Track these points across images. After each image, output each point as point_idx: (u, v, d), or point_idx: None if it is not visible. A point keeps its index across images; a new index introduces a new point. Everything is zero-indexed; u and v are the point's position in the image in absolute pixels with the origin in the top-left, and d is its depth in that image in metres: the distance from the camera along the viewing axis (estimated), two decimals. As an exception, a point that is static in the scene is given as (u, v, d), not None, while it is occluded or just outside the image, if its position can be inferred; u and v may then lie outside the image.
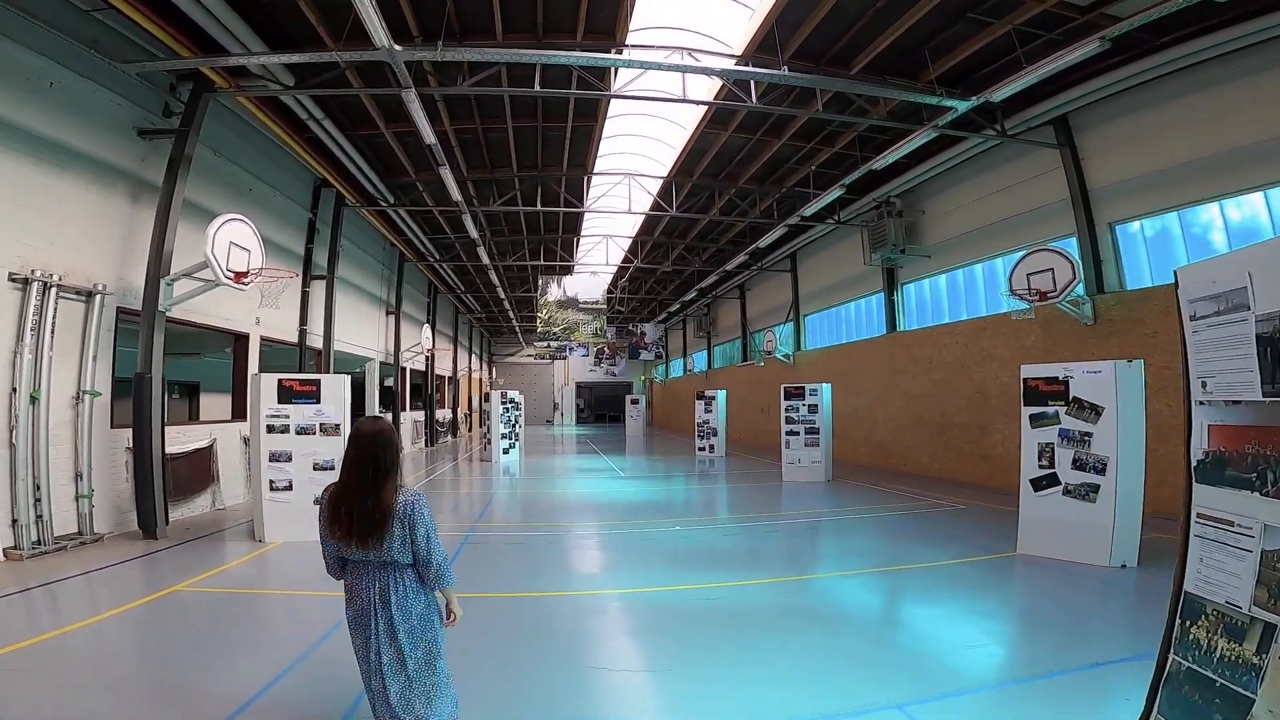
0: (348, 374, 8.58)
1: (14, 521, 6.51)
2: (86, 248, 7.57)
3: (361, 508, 2.65)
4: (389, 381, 19.76)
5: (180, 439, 9.38)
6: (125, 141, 8.13)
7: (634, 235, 21.64)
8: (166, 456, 8.34)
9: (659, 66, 9.03)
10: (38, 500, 6.71)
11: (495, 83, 9.48)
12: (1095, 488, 6.41)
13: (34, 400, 6.67)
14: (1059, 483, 6.69)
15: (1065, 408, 6.65)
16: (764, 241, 18.89)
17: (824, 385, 13.83)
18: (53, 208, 7.10)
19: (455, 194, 13.33)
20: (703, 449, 19.62)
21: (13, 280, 6.57)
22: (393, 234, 17.85)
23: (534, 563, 6.99)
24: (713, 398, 19.66)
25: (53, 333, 6.88)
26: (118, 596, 5.57)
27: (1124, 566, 6.31)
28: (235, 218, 8.04)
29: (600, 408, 48.81)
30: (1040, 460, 6.83)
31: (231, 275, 7.89)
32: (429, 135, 10.15)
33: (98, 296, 7.54)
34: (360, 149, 12.54)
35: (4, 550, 6.41)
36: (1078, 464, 6.55)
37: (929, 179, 14.40)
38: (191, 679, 3.99)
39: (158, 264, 7.90)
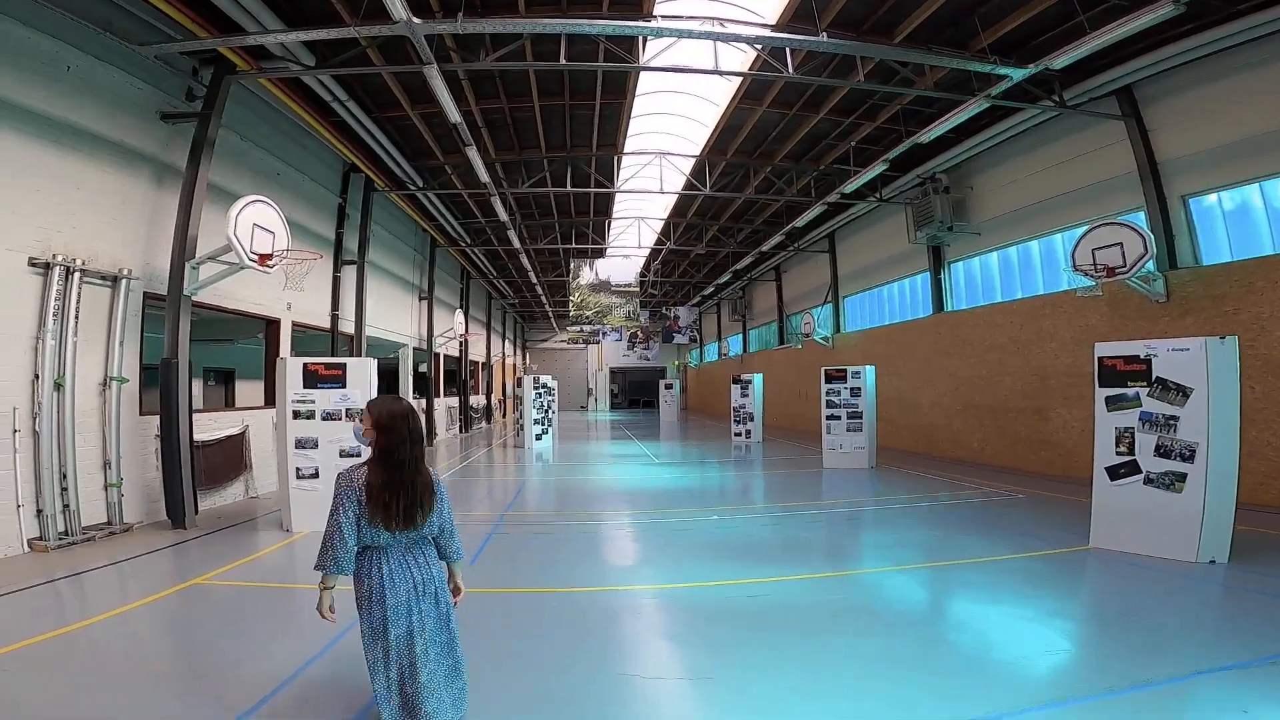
0: (377, 359, 8.37)
1: (39, 512, 6.43)
2: (111, 233, 7.46)
3: (411, 488, 2.68)
4: (422, 367, 19.74)
5: (212, 426, 9.33)
6: (148, 126, 7.98)
7: (666, 217, 21.13)
8: (195, 444, 8.26)
9: (689, 35, 8.52)
10: (64, 490, 6.62)
11: (520, 57, 9.07)
12: (1182, 476, 5.77)
13: (58, 387, 6.58)
14: (1139, 471, 6.07)
15: (1147, 389, 6.00)
16: (801, 221, 18.20)
17: (867, 368, 13.20)
18: (75, 192, 6.98)
19: (483, 175, 13.03)
20: (739, 434, 19.15)
21: (33, 265, 6.44)
22: (424, 219, 17.70)
23: (563, 555, 6.68)
24: (749, 382, 19.13)
25: (76, 318, 6.77)
26: (138, 590, 5.42)
27: (1213, 562, 5.69)
28: (258, 199, 7.84)
29: (634, 393, 48.58)
30: (1118, 446, 6.20)
31: (255, 257, 7.71)
32: (453, 114, 9.82)
33: (123, 281, 7.42)
34: (387, 132, 12.31)
35: (29, 541, 6.33)
36: (1162, 450, 5.92)
37: (978, 154, 13.59)
38: (211, 672, 3.84)
39: (182, 248, 7.76)
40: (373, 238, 14.56)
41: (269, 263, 7.94)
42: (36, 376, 6.43)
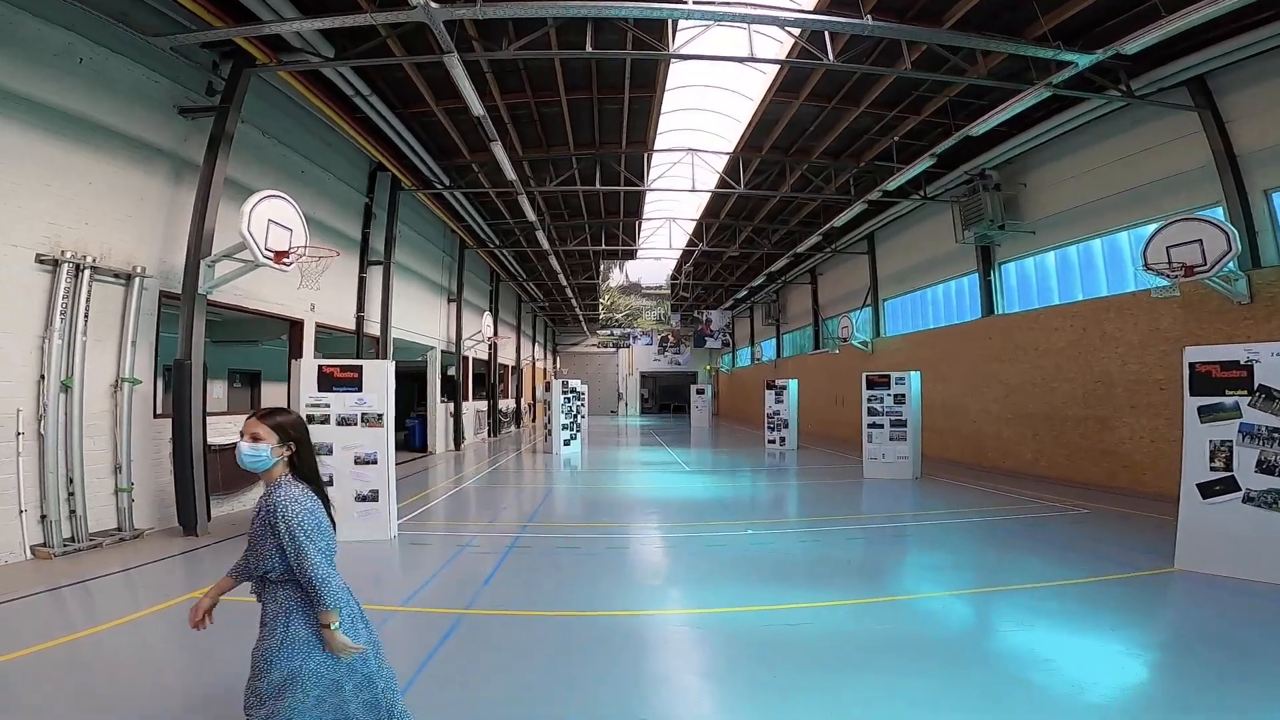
0: (405, 362, 8.00)
1: (43, 517, 6.19)
2: (126, 229, 7.25)
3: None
4: (451, 370, 19.53)
5: (230, 430, 9.09)
6: (166, 120, 7.78)
7: (698, 217, 20.59)
8: (212, 448, 8.02)
9: (722, 17, 8.02)
10: (71, 495, 6.38)
11: (544, 45, 8.68)
12: (1290, 497, 5.05)
13: (65, 388, 6.34)
14: (1238, 488, 5.35)
15: (1249, 398, 5.28)
16: (839, 220, 17.48)
17: (912, 374, 12.46)
18: (87, 188, 6.77)
19: (510, 173, 12.68)
20: (773, 441, 18.48)
21: (41, 261, 6.22)
22: (452, 220, 17.49)
23: (587, 572, 6.19)
24: (784, 387, 18.46)
25: (86, 317, 6.54)
26: (139, 600, 5.12)
27: (1326, 594, 4.94)
28: (274, 194, 7.56)
29: (664, 397, 48.01)
30: (1213, 461, 5.48)
31: (271, 255, 7.43)
32: (477, 106, 9.47)
33: (137, 279, 7.20)
34: (413, 129, 12.05)
35: (32, 548, 6.10)
36: (1265, 466, 5.19)
37: (1032, 148, 12.78)
38: (213, 687, 3.55)
39: (198, 245, 7.53)
40: (400, 238, 14.34)
41: (285, 260, 7.66)
42: (42, 377, 6.19)
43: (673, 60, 10.18)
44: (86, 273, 6.55)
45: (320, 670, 2.37)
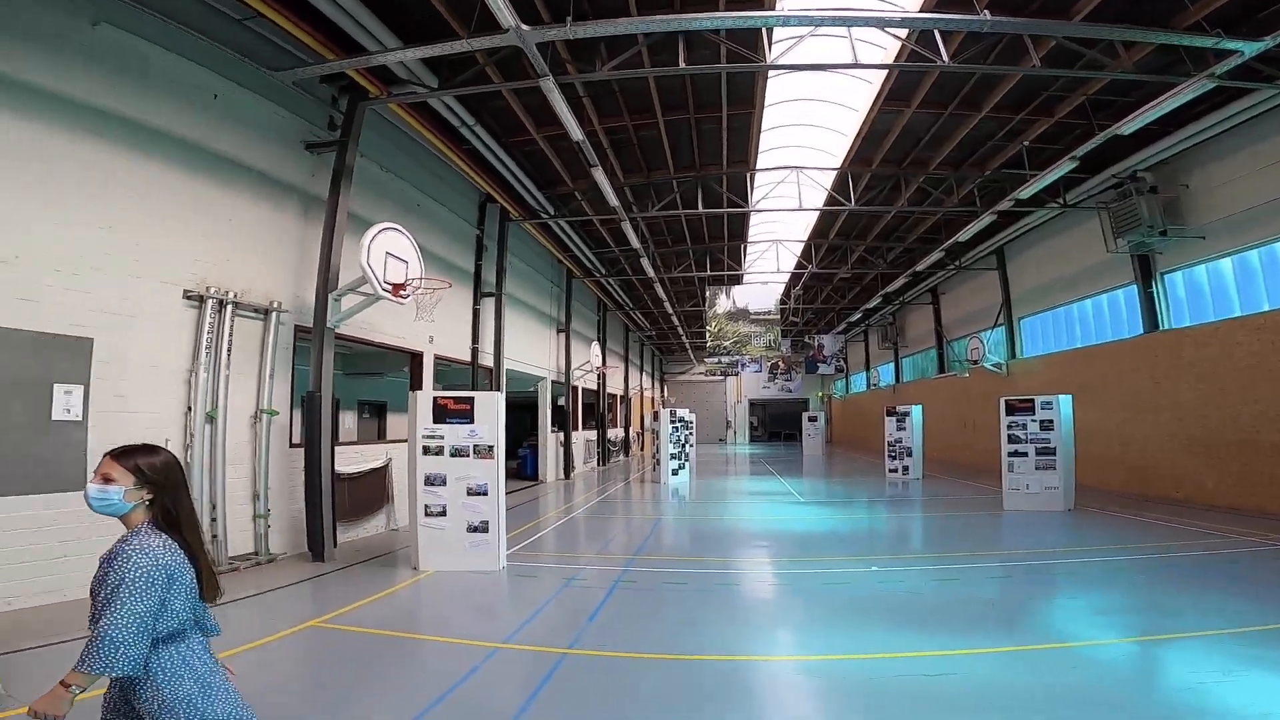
0: (517, 392, 8.08)
1: None
2: (263, 265, 7.81)
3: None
4: (560, 401, 19.88)
5: (357, 459, 9.57)
6: (294, 156, 8.31)
7: (806, 238, 19.88)
8: (340, 476, 8.42)
9: (820, 22, 7.65)
10: (213, 520, 6.85)
11: (637, 64, 8.64)
12: None
13: (210, 419, 6.87)
14: None
15: None
16: (964, 235, 16.23)
17: (1062, 397, 11.13)
18: (226, 225, 7.30)
19: (612, 199, 12.78)
20: (894, 470, 17.19)
21: (188, 298, 6.78)
22: (558, 250, 17.93)
23: (695, 611, 5.79)
24: (906, 413, 17.20)
25: (229, 351, 7.09)
26: (263, 626, 5.27)
27: None
28: (390, 226, 7.88)
29: (775, 425, 46.61)
30: None
31: (389, 287, 7.76)
32: (575, 131, 9.61)
33: (274, 314, 7.76)
34: (516, 159, 12.43)
35: None
36: None
37: (1192, 146, 11.28)
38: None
39: (325, 279, 8.00)
40: (510, 269, 14.79)
41: (402, 293, 7.95)
42: (189, 409, 6.73)
43: (770, 73, 9.86)
44: (229, 308, 7.11)
45: None
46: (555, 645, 4.83)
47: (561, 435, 19.22)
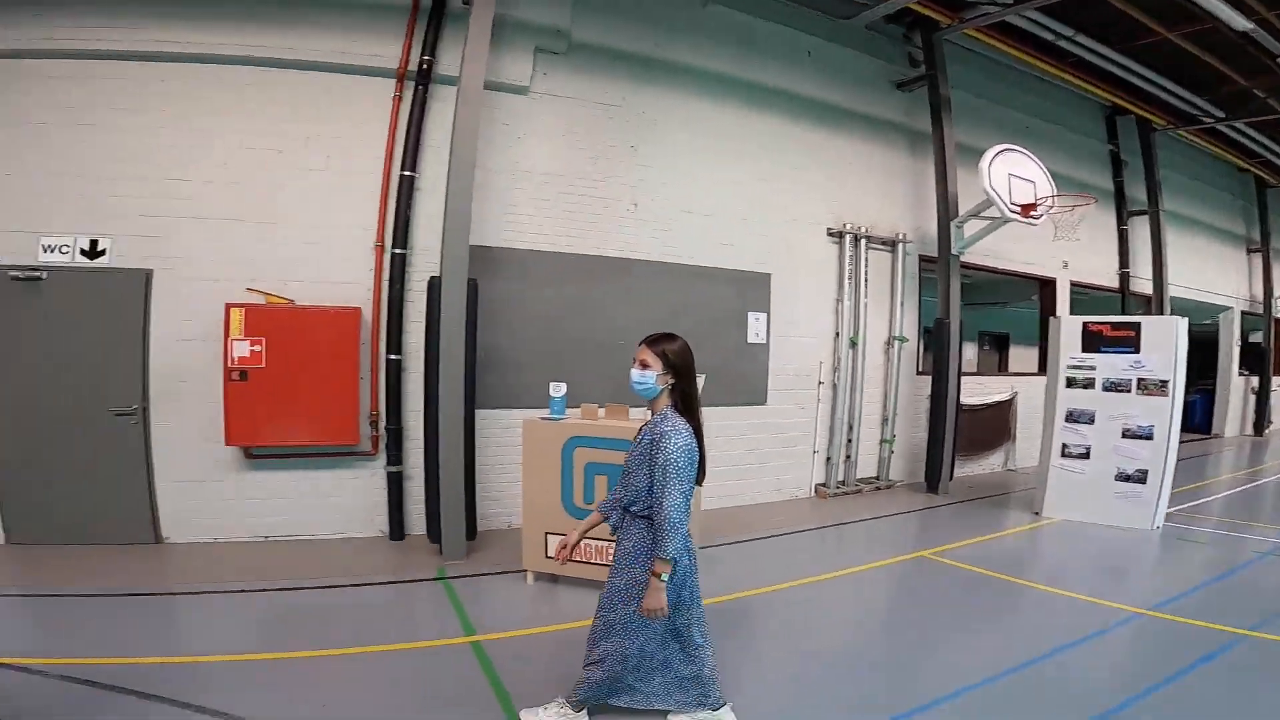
0: (1185, 319, 6.30)
1: (827, 460, 7.56)
2: (882, 201, 8.07)
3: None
4: (1254, 336, 14.57)
5: (980, 391, 9.16)
6: (887, 97, 8.20)
7: None
8: (962, 408, 8.21)
9: None
10: (849, 441, 7.59)
11: None
12: None
13: (853, 344, 7.60)
14: None
15: None
16: None
17: None
18: (847, 167, 7.76)
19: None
20: None
21: (830, 235, 7.58)
22: (1240, 156, 12.78)
23: None
24: None
25: (865, 281, 7.66)
26: (874, 551, 5.53)
27: None
28: (1008, 148, 7.14)
29: None
30: None
31: (1017, 209, 6.98)
32: (1238, 20, 6.45)
33: (900, 245, 7.99)
34: (1146, 62, 9.20)
35: (815, 486, 7.52)
36: None
37: None
38: (905, 652, 3.60)
39: (945, 208, 7.76)
40: (1165, 183, 11.37)
41: (1033, 213, 7.08)
42: (836, 334, 7.59)
43: None
44: (862, 242, 7.68)
45: (654, 623, 2.40)
46: (1229, 624, 3.79)
47: (1254, 381, 14.20)
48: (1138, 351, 6.15)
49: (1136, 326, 6.22)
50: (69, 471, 4.85)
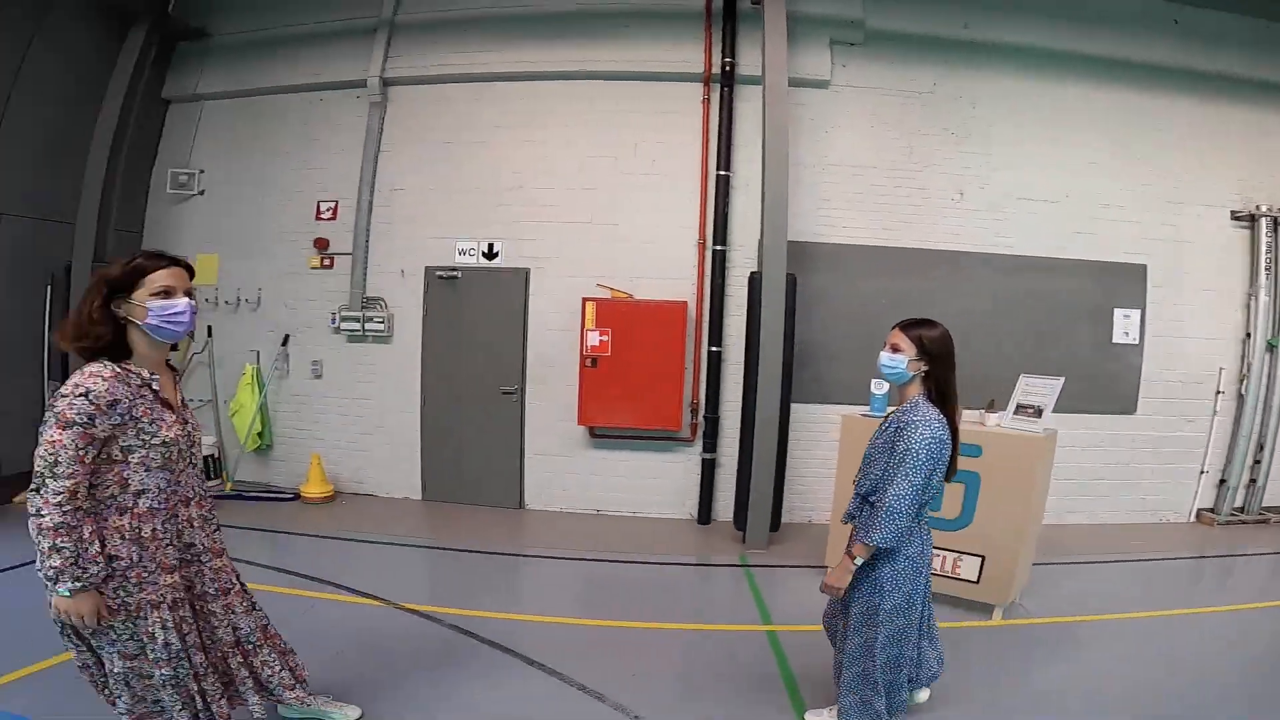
0: None
1: (1221, 482, 5.98)
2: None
3: None
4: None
5: None
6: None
7: None
8: None
9: None
10: (1256, 462, 5.93)
11: None
12: None
13: (1271, 347, 5.82)
14: None
15: None
16: None
17: None
18: (1263, 141, 6.08)
19: None
20: None
21: (1235, 219, 5.97)
22: None
23: None
24: None
25: (1284, 271, 5.85)
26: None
27: None
28: None
29: None
30: None
31: None
32: None
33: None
34: None
35: (1198, 511, 5.98)
36: None
37: None
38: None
39: None
40: None
41: None
42: (1248, 335, 5.93)
43: None
44: (1280, 225, 5.88)
45: (894, 612, 2.29)
46: None
47: None
48: None
49: None
50: (469, 441, 6.08)
